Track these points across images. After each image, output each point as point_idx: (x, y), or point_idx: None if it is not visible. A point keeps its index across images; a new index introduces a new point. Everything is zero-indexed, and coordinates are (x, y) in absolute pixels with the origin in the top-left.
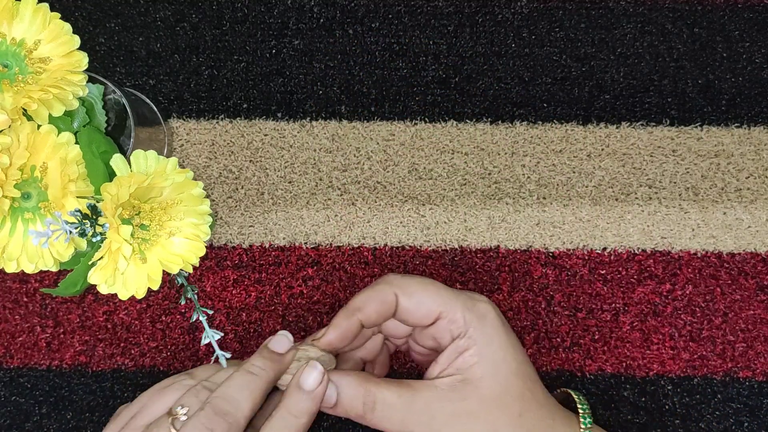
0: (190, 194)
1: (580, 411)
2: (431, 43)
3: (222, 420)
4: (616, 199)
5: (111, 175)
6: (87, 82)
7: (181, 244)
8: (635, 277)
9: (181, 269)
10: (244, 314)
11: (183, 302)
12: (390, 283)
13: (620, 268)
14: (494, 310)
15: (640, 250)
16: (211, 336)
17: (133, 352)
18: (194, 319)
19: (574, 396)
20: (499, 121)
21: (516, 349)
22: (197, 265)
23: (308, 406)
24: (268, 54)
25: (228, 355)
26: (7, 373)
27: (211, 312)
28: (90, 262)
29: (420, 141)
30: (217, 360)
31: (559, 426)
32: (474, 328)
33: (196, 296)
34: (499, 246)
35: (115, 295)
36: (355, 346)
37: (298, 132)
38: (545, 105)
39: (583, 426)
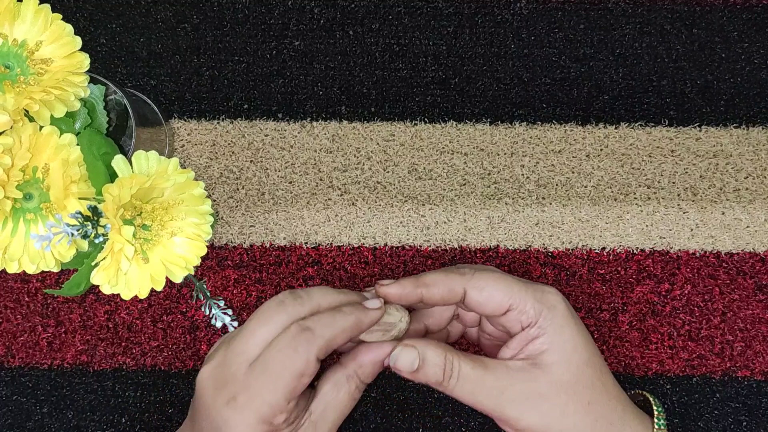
0: (192, 194)
1: (656, 412)
2: (431, 44)
3: (305, 340)
4: (615, 199)
5: (112, 176)
6: (88, 83)
7: (182, 244)
8: (634, 276)
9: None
10: (245, 314)
11: (195, 300)
12: (462, 275)
13: (619, 268)
14: (564, 302)
15: (638, 250)
16: (221, 318)
17: (134, 351)
18: (210, 316)
19: (650, 398)
20: (499, 122)
21: (587, 341)
22: (198, 264)
23: (373, 372)
24: (268, 55)
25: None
26: (8, 373)
27: (222, 302)
28: (93, 263)
29: (420, 141)
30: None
31: (630, 420)
32: (544, 318)
33: (206, 288)
34: (498, 246)
35: (117, 294)
36: (424, 308)
37: (298, 132)
38: (544, 105)
39: (656, 426)
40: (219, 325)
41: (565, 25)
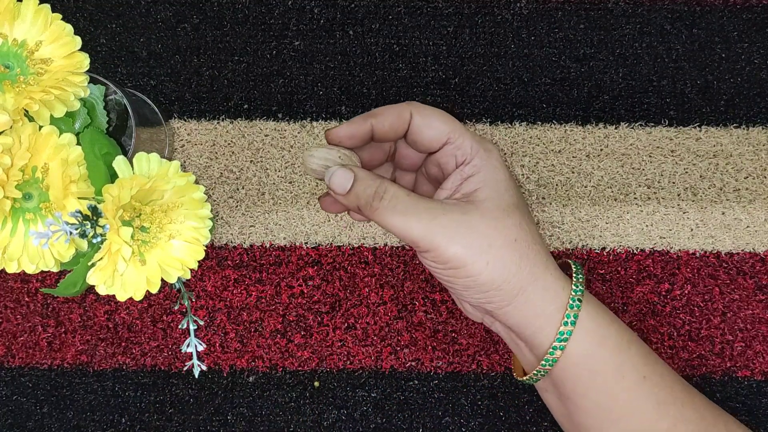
0: (192, 198)
1: (574, 269)
2: (431, 44)
3: None
4: (615, 199)
5: (113, 176)
6: (88, 83)
7: (180, 247)
8: (634, 276)
9: (179, 276)
10: (244, 314)
11: (176, 307)
12: (409, 103)
13: (619, 268)
14: (498, 150)
15: (638, 250)
16: (193, 346)
17: (134, 351)
18: (183, 326)
19: (570, 262)
20: (499, 122)
21: (516, 188)
22: (195, 268)
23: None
24: (268, 55)
25: (204, 367)
26: (8, 373)
27: (201, 323)
28: (89, 263)
29: None
30: (192, 367)
31: (552, 269)
32: (480, 158)
33: (189, 304)
34: None
35: (115, 294)
36: (365, 151)
37: (298, 132)
38: (544, 105)
39: (575, 279)
40: (185, 349)
41: (565, 25)
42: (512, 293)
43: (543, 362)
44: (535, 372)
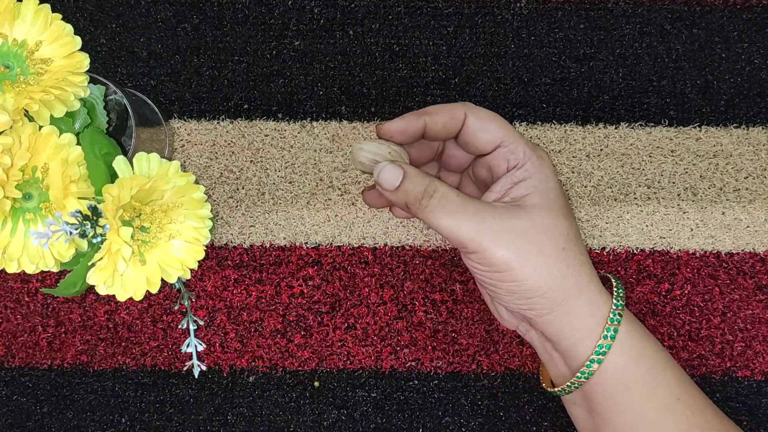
0: (192, 198)
1: (615, 285)
2: (431, 44)
3: None
4: (615, 199)
5: (113, 176)
6: (88, 82)
7: (180, 247)
8: (634, 276)
9: (179, 276)
10: (244, 314)
11: (176, 307)
12: (464, 104)
13: (619, 268)
14: (550, 158)
15: (638, 250)
16: (193, 346)
17: (134, 351)
18: (183, 326)
19: (611, 277)
20: None
21: (565, 198)
22: (195, 268)
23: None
24: (268, 55)
25: (204, 367)
26: (8, 373)
27: (201, 323)
28: (89, 263)
29: None
30: (192, 367)
31: (596, 281)
32: (532, 164)
33: (189, 304)
34: None
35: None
36: (413, 148)
37: (298, 132)
38: (544, 105)
39: (615, 295)
40: (185, 349)
41: (565, 25)
42: (556, 302)
43: (578, 375)
44: (568, 384)
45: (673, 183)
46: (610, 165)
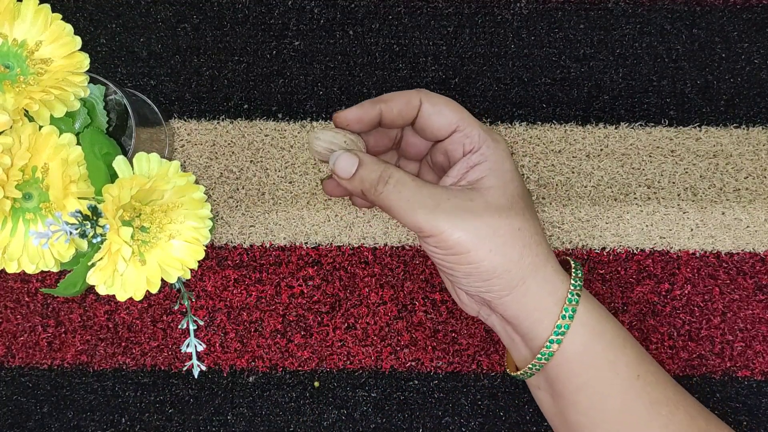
0: (192, 198)
1: (573, 269)
2: (431, 44)
3: None
4: (615, 199)
5: (113, 176)
6: (88, 83)
7: (180, 247)
8: (634, 276)
9: (179, 276)
10: (244, 313)
11: (176, 307)
12: (418, 91)
13: (619, 268)
14: (505, 141)
15: (638, 250)
16: (193, 346)
17: (134, 351)
18: (183, 326)
19: (569, 259)
20: (499, 122)
21: (521, 180)
22: (195, 268)
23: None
24: (268, 55)
25: (204, 367)
26: (8, 373)
27: (201, 323)
28: (89, 263)
29: None
30: (192, 367)
31: (552, 261)
32: (487, 147)
33: (189, 304)
34: None
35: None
36: (371, 136)
37: (298, 132)
38: (544, 105)
39: (573, 276)
40: (185, 349)
41: (565, 25)
42: (513, 282)
43: (539, 356)
44: (529, 366)
45: (673, 183)
46: (610, 165)
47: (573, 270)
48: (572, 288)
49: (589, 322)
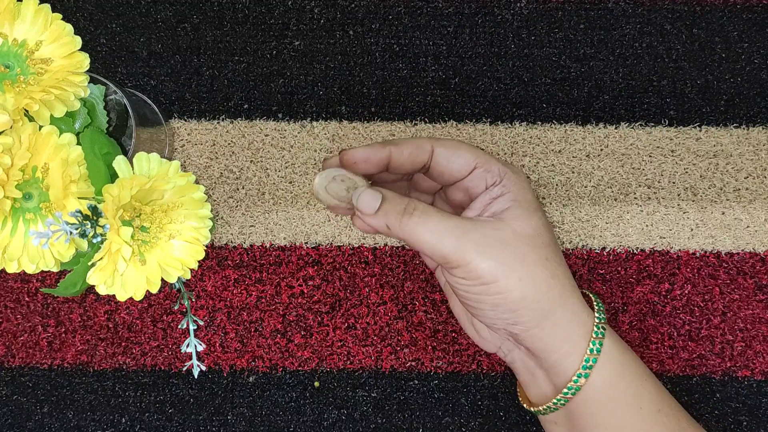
0: (192, 198)
1: (595, 302)
2: (431, 44)
3: None
4: (615, 199)
5: (113, 176)
6: (88, 82)
7: (180, 247)
8: (634, 276)
9: (179, 276)
10: (245, 313)
11: (176, 307)
12: (429, 138)
13: (619, 268)
14: (524, 173)
15: (639, 250)
16: (193, 346)
17: (134, 351)
18: (183, 326)
19: (590, 294)
20: (499, 122)
21: (543, 212)
22: (196, 268)
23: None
24: (268, 55)
25: (203, 367)
26: (8, 373)
27: (201, 323)
28: (89, 263)
29: None
30: (191, 367)
31: (578, 295)
32: (508, 179)
33: (189, 304)
34: None
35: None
36: (381, 178)
37: (298, 132)
38: (544, 105)
39: (597, 309)
40: (185, 349)
41: (565, 25)
42: (542, 313)
43: (564, 391)
44: (553, 402)
45: (673, 183)
46: (610, 165)
47: (595, 303)
48: (597, 321)
49: (614, 355)
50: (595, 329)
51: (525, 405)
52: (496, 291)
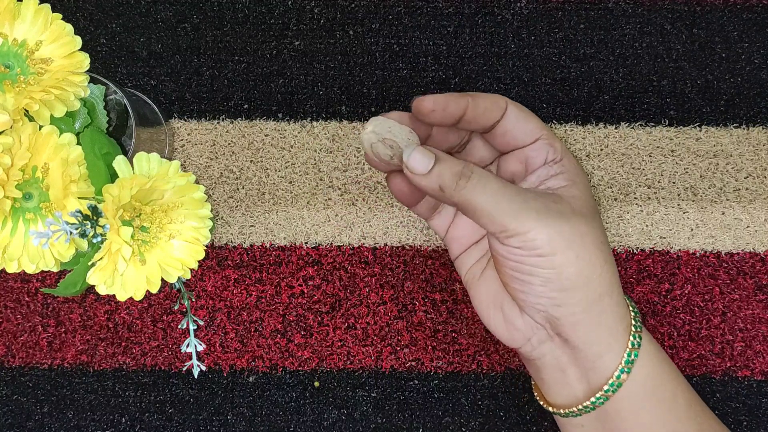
0: (192, 198)
1: (627, 301)
2: (431, 43)
3: None
4: (615, 199)
5: (113, 176)
6: (88, 82)
7: (180, 247)
8: (634, 276)
9: (179, 276)
10: (245, 313)
11: (176, 307)
12: (502, 96)
13: (619, 268)
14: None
15: (639, 250)
16: (193, 346)
17: (134, 351)
18: (183, 326)
19: (626, 299)
20: None
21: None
22: (196, 268)
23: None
24: (268, 55)
25: (203, 367)
26: (8, 373)
27: (201, 323)
28: (89, 263)
29: None
30: (191, 367)
31: (620, 290)
32: (568, 160)
33: (189, 304)
34: None
35: (115, 294)
36: (445, 136)
37: (298, 132)
38: (544, 105)
39: (629, 303)
40: (185, 349)
41: (565, 25)
42: (591, 298)
43: (607, 387)
44: (593, 400)
45: (673, 183)
46: (610, 165)
47: (627, 299)
48: (633, 314)
49: (651, 350)
50: (634, 323)
51: (546, 406)
52: (551, 265)
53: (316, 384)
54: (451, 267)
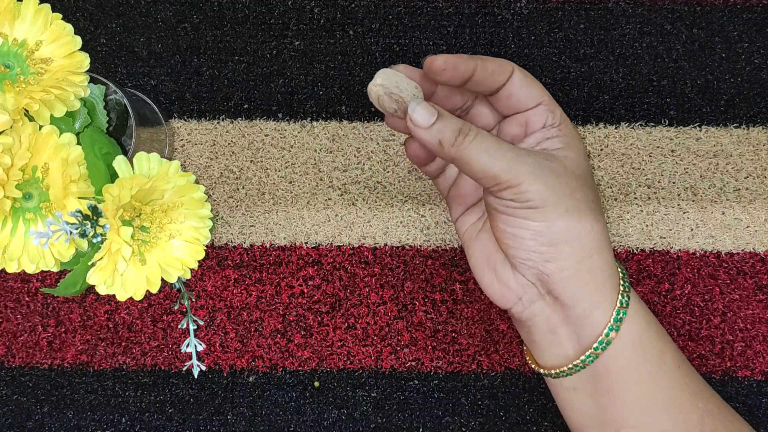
0: (192, 198)
1: (620, 271)
2: (431, 43)
3: None
4: (615, 199)
5: (113, 176)
6: (88, 82)
7: (180, 247)
8: (634, 276)
9: (179, 276)
10: (245, 313)
11: (176, 307)
12: (511, 62)
13: None
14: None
15: (639, 250)
16: (193, 346)
17: (134, 351)
18: (183, 326)
19: (615, 261)
20: None
21: (591, 168)
22: (196, 268)
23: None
24: (268, 55)
25: (203, 367)
26: (8, 373)
27: (201, 323)
28: (89, 263)
29: None
30: (191, 367)
31: (610, 249)
32: (567, 126)
33: (189, 304)
34: None
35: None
36: (449, 98)
37: (298, 132)
38: None
39: (619, 264)
40: (185, 349)
41: (565, 25)
42: (580, 254)
43: (596, 345)
44: (583, 358)
45: (674, 183)
46: (610, 165)
47: (621, 274)
48: (622, 275)
49: (639, 310)
50: (622, 282)
51: (537, 368)
52: (542, 217)
53: (316, 384)
54: (451, 267)
